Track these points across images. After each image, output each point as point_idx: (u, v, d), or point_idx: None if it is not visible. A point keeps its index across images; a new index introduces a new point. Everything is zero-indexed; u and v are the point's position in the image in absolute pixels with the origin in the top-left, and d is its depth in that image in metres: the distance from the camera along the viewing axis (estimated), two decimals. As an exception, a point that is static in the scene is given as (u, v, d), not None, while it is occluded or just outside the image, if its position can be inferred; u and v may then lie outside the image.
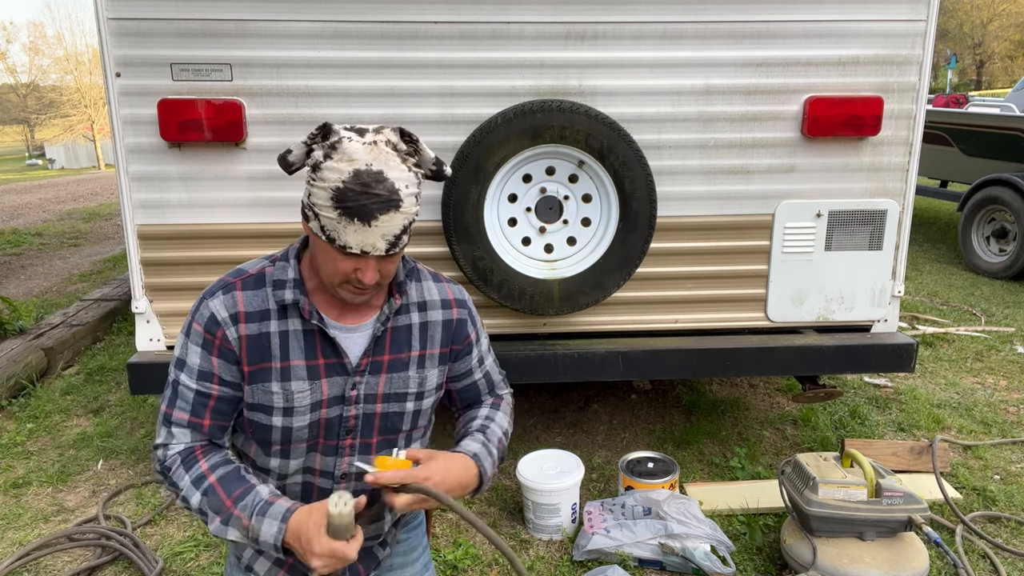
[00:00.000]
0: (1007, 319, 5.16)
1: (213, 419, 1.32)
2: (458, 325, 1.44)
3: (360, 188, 1.15)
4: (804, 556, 2.31)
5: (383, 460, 1.26)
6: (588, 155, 2.53)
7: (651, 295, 2.81)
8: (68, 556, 2.61)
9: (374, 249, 1.18)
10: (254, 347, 1.30)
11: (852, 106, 2.64)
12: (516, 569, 1.24)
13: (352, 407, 1.35)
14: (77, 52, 38.82)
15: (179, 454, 1.29)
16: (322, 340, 1.32)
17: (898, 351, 2.80)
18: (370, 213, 1.15)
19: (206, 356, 1.30)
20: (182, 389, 1.31)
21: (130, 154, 2.52)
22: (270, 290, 1.31)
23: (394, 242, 1.20)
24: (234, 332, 1.29)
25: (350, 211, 1.15)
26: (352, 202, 1.15)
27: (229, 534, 1.25)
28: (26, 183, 17.77)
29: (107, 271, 7.02)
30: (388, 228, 1.18)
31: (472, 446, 1.37)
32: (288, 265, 1.32)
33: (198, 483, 1.27)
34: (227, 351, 1.30)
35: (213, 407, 1.32)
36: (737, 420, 3.59)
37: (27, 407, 3.82)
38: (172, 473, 1.29)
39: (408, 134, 1.24)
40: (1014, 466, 3.17)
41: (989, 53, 37.78)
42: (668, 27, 2.55)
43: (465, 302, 1.47)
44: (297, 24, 2.46)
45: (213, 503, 1.26)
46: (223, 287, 1.32)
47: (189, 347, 1.30)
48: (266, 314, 1.31)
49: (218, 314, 1.29)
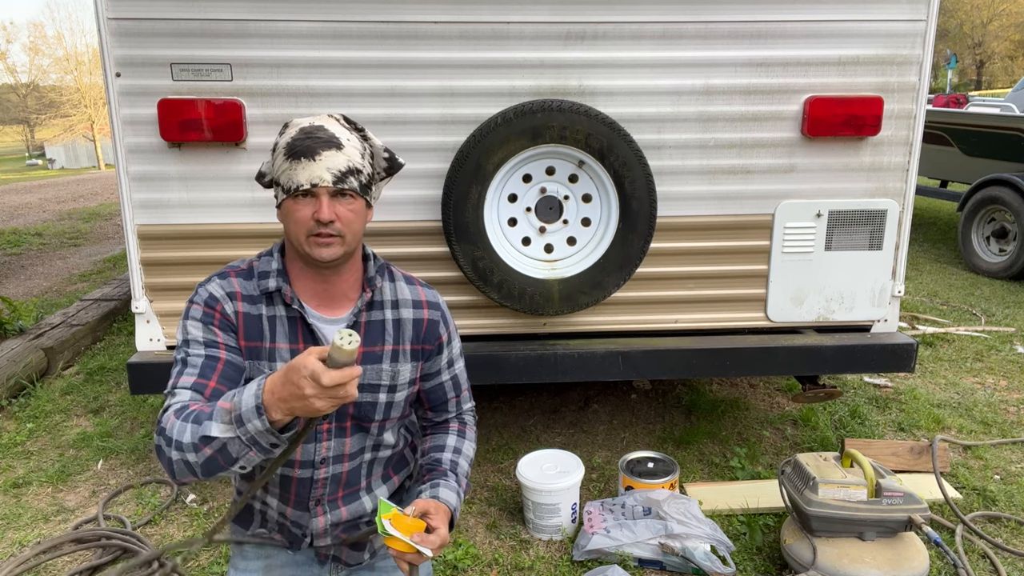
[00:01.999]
0: (1007, 319, 5.16)
1: (220, 381, 1.36)
2: (429, 326, 1.52)
3: (304, 135, 1.33)
4: (804, 556, 2.31)
5: (400, 519, 1.30)
6: (588, 155, 2.53)
7: (651, 295, 2.81)
8: (68, 556, 2.61)
9: (321, 180, 1.32)
10: (250, 325, 1.41)
11: (852, 106, 2.64)
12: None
13: None
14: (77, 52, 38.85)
15: (174, 412, 1.27)
16: (303, 327, 1.43)
17: (898, 351, 2.80)
18: (313, 150, 1.32)
19: (208, 328, 1.38)
20: (191, 359, 1.36)
21: (130, 154, 2.52)
22: (257, 280, 1.43)
23: (340, 177, 1.33)
24: (232, 307, 1.41)
25: (296, 153, 1.32)
26: (298, 145, 1.32)
27: (212, 429, 1.19)
28: (26, 183, 17.77)
29: (107, 271, 7.03)
30: (332, 163, 1.32)
31: (451, 499, 1.44)
32: (272, 258, 1.45)
33: (187, 418, 1.24)
34: (226, 323, 1.40)
35: (221, 370, 1.37)
36: (737, 420, 3.59)
37: (27, 407, 3.82)
38: (166, 429, 1.25)
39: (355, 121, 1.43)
40: (1014, 466, 3.17)
41: (989, 53, 37.78)
42: (668, 27, 2.55)
43: (438, 304, 1.55)
44: (297, 24, 2.46)
45: (200, 418, 1.23)
46: (218, 275, 1.44)
47: (190, 326, 1.39)
48: (258, 299, 1.43)
49: (216, 292, 1.41)
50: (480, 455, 3.27)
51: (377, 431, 1.51)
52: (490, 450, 3.32)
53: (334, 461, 1.48)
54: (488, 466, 3.20)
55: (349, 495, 1.53)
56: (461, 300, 2.74)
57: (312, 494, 1.49)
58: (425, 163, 2.60)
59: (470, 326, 2.77)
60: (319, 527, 1.52)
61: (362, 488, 1.54)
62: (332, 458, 1.48)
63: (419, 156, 2.60)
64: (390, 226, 2.66)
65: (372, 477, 1.56)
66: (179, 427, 1.24)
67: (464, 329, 2.76)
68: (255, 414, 1.16)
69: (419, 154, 2.60)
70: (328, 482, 1.49)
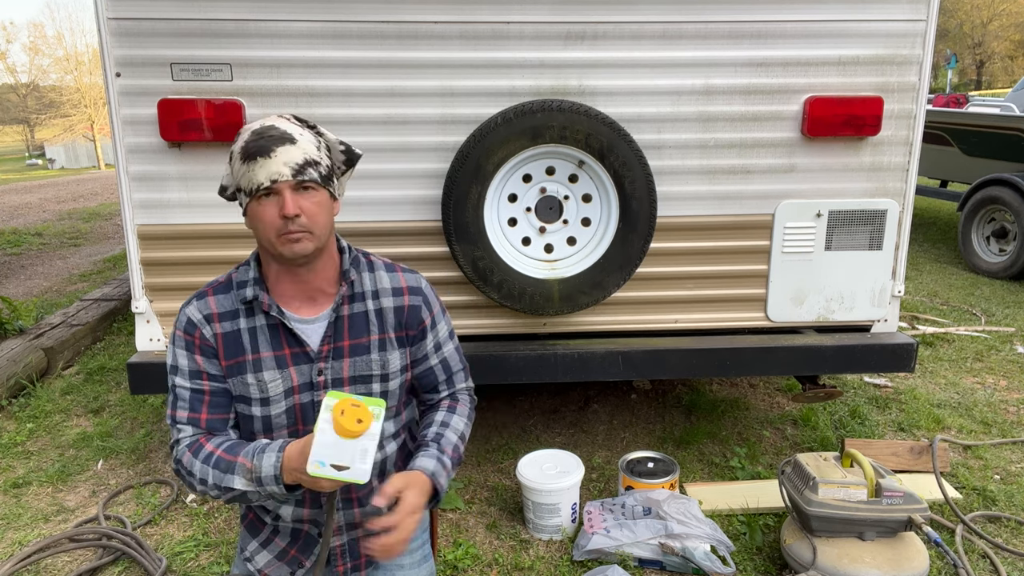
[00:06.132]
0: (1007, 319, 5.16)
1: (210, 412, 1.46)
2: (410, 311, 1.54)
3: (256, 136, 1.35)
4: (804, 556, 2.31)
5: (348, 410, 1.31)
6: (588, 155, 2.53)
7: (651, 295, 2.81)
8: (68, 556, 2.61)
9: (280, 176, 1.33)
10: (229, 343, 1.45)
11: (852, 106, 2.64)
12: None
13: (322, 392, 1.47)
14: (77, 52, 38.85)
15: (187, 447, 1.42)
16: (285, 332, 1.46)
17: (898, 351, 2.80)
18: (267, 148, 1.33)
19: (190, 356, 1.45)
20: (179, 391, 1.46)
21: (130, 154, 2.52)
22: (235, 291, 1.47)
23: (298, 170, 1.34)
24: (209, 331, 1.45)
25: (251, 153, 1.33)
26: (252, 146, 1.34)
27: (236, 483, 1.35)
28: (26, 183, 17.77)
29: (107, 271, 7.03)
30: (288, 157, 1.33)
31: (428, 464, 1.46)
32: (249, 268, 1.47)
33: (207, 460, 1.39)
34: (207, 348, 1.45)
35: (208, 401, 1.46)
36: (737, 420, 3.59)
37: (27, 407, 3.82)
38: (184, 463, 1.41)
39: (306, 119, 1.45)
40: (1014, 466, 3.17)
41: (989, 53, 37.78)
42: (668, 27, 2.55)
43: (420, 289, 1.56)
44: (297, 24, 2.46)
45: (221, 466, 1.38)
46: (197, 295, 1.48)
47: (176, 352, 1.46)
48: (236, 313, 1.46)
49: (193, 317, 1.45)
50: (480, 455, 3.28)
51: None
52: (490, 450, 3.32)
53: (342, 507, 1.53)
54: (488, 466, 3.20)
55: (363, 497, 1.55)
56: (461, 300, 2.74)
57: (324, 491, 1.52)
58: (425, 163, 2.60)
59: (470, 326, 2.77)
60: (333, 524, 1.53)
61: (374, 488, 1.56)
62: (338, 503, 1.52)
63: (419, 156, 2.60)
64: (390, 226, 2.66)
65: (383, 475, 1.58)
66: (200, 468, 1.39)
67: (464, 329, 2.76)
68: (273, 482, 1.34)
69: (419, 154, 2.60)
70: None
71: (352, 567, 1.59)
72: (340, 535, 1.56)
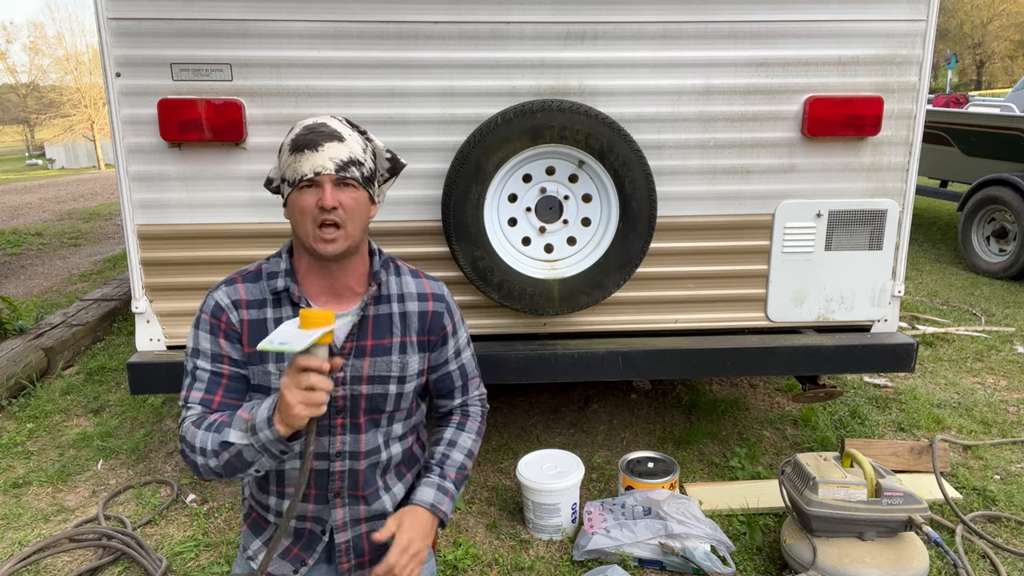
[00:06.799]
0: (1007, 319, 5.16)
1: (224, 396, 1.47)
2: (433, 317, 1.57)
3: (307, 131, 1.39)
4: (804, 556, 2.31)
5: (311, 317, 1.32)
6: (588, 155, 2.53)
7: (651, 295, 2.81)
8: (68, 556, 2.61)
9: (324, 169, 1.37)
10: (254, 331, 1.47)
11: (852, 106, 2.64)
12: None
13: (340, 388, 1.49)
14: (77, 52, 38.86)
15: (192, 423, 1.43)
16: None
17: (898, 351, 2.80)
18: (315, 142, 1.38)
19: (214, 340, 1.47)
20: (198, 372, 1.47)
21: (130, 154, 2.52)
22: (265, 281, 1.49)
23: (343, 165, 1.38)
24: (236, 316, 1.47)
25: (300, 146, 1.38)
26: (301, 140, 1.39)
27: (231, 436, 1.35)
28: (26, 183, 17.77)
29: (107, 271, 7.02)
30: (334, 153, 1.38)
31: (427, 495, 1.53)
32: (281, 259, 1.50)
33: (209, 427, 1.40)
34: (231, 332, 1.47)
35: (225, 385, 1.47)
36: (737, 420, 3.59)
37: (27, 407, 3.82)
38: (187, 438, 1.41)
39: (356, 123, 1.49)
40: (1014, 466, 3.17)
41: (989, 53, 37.78)
42: (668, 27, 2.55)
43: (443, 296, 1.60)
44: (297, 24, 2.46)
45: (220, 429, 1.38)
46: (226, 282, 1.50)
47: (199, 335, 1.48)
48: (263, 302, 1.48)
49: (222, 301, 1.47)
50: (480, 455, 3.28)
51: (387, 422, 1.56)
52: (490, 450, 3.32)
53: (350, 457, 1.53)
54: (488, 466, 3.20)
55: (369, 495, 1.57)
56: (461, 300, 2.74)
57: (330, 486, 1.54)
58: (425, 163, 2.61)
59: (470, 326, 2.77)
60: (338, 519, 1.56)
61: (380, 487, 1.58)
62: (348, 453, 1.53)
63: (419, 156, 2.60)
64: (390, 226, 2.66)
65: (387, 475, 1.60)
66: (201, 436, 1.39)
67: (464, 329, 2.76)
68: (266, 424, 1.31)
69: (419, 154, 2.60)
70: (345, 476, 1.54)
71: (356, 564, 1.60)
72: (344, 531, 1.57)
